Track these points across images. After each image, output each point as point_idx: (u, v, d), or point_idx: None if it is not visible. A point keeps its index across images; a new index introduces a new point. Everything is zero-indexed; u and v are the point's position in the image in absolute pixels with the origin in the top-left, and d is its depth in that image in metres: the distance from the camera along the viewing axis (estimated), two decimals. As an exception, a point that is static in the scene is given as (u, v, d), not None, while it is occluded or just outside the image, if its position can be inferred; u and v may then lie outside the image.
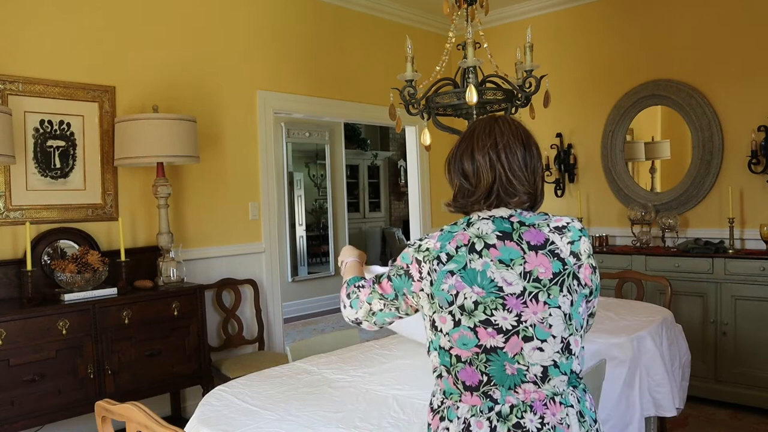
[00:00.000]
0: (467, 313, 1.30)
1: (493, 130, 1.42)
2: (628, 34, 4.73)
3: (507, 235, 1.34)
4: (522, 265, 1.31)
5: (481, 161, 1.39)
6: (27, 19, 3.24)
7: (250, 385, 2.10)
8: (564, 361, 1.33)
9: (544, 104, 2.85)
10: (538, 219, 1.38)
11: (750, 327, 3.84)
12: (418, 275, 1.36)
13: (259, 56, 4.28)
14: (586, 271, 1.37)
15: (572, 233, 1.37)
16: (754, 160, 4.09)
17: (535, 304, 1.30)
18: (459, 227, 1.38)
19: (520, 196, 1.38)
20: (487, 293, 1.29)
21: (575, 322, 1.34)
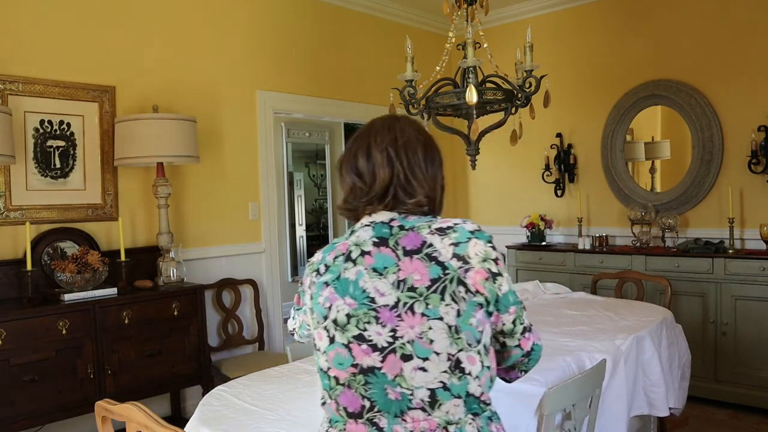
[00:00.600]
0: (340, 328, 1.18)
1: (394, 127, 1.30)
2: (628, 34, 4.73)
3: (383, 241, 1.20)
4: (396, 273, 1.16)
5: (378, 158, 1.26)
6: (27, 19, 3.24)
7: (250, 385, 2.10)
8: (456, 382, 1.13)
9: (544, 104, 2.85)
10: (421, 221, 1.23)
11: (750, 327, 3.84)
12: (307, 289, 1.28)
13: (259, 56, 4.28)
14: (477, 276, 1.16)
15: (458, 234, 1.19)
16: (754, 160, 4.09)
17: (411, 317, 1.13)
18: (343, 237, 1.28)
19: (419, 198, 1.25)
20: (359, 305, 1.17)
21: (466, 336, 1.14)
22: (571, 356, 2.34)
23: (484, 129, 2.83)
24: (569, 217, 5.09)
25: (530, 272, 4.84)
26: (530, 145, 4.82)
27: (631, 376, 2.52)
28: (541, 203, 5.24)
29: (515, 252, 5.06)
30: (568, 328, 2.77)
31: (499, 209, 5.61)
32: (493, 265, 1.19)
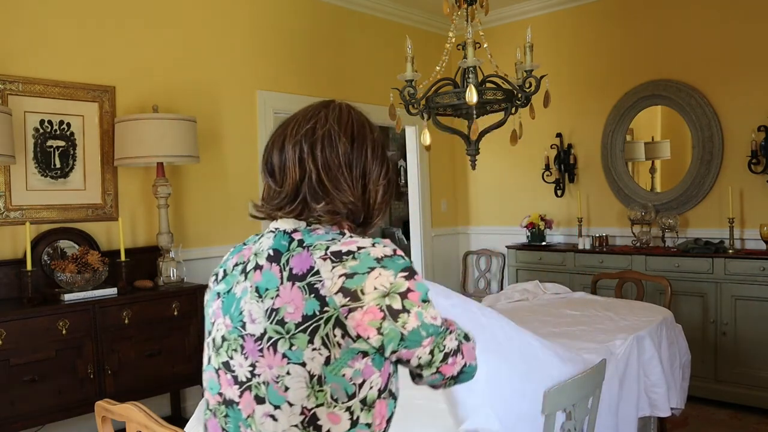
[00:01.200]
0: (215, 350, 1.09)
1: (316, 116, 1.10)
2: (628, 34, 4.73)
3: (277, 256, 1.04)
4: (273, 299, 1.00)
5: (290, 153, 1.08)
6: (27, 19, 3.24)
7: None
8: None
9: (544, 104, 2.85)
10: (324, 239, 1.03)
11: (750, 327, 3.84)
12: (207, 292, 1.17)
13: (259, 56, 4.28)
14: (366, 317, 0.95)
15: (358, 262, 0.98)
16: (754, 160, 4.09)
17: (272, 355, 0.98)
18: (252, 240, 1.15)
19: (335, 204, 1.06)
20: (233, 328, 1.05)
21: (332, 389, 0.96)
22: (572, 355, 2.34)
23: (484, 129, 2.83)
24: (569, 217, 5.09)
25: (530, 272, 4.84)
26: (530, 145, 4.82)
27: (631, 376, 2.52)
28: (541, 203, 5.24)
29: (515, 252, 5.06)
30: (568, 328, 2.77)
31: (499, 209, 5.61)
32: (397, 300, 0.97)
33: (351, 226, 1.11)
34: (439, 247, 5.73)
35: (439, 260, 5.73)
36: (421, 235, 5.57)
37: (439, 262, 5.72)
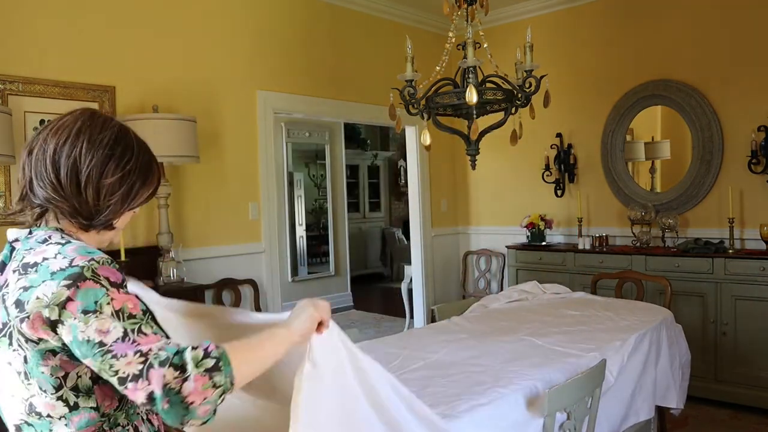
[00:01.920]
0: None
1: (59, 119, 1.17)
2: (628, 34, 4.73)
3: (1, 266, 1.11)
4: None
5: (23, 157, 1.15)
6: (27, 19, 3.24)
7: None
8: (36, 421, 1.08)
9: (544, 104, 2.84)
10: (28, 248, 1.09)
11: (750, 327, 3.84)
12: None
13: (259, 56, 4.28)
14: (34, 323, 1.01)
15: (38, 275, 1.03)
16: (754, 160, 4.09)
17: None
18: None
19: (33, 210, 1.12)
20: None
21: (38, 382, 1.05)
22: (571, 356, 2.35)
23: (484, 129, 2.83)
24: (569, 217, 5.09)
25: (530, 272, 4.84)
26: (530, 145, 4.82)
27: (631, 376, 2.52)
28: (541, 203, 5.24)
29: (515, 252, 5.06)
30: (568, 328, 2.78)
31: (499, 209, 5.62)
32: (55, 312, 0.99)
33: (76, 226, 1.14)
34: (439, 247, 5.73)
35: (439, 260, 5.73)
36: (421, 235, 5.57)
37: (439, 262, 5.72)
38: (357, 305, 8.17)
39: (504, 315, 3.17)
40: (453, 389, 2.00)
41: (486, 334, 2.74)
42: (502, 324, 2.94)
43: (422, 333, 2.89)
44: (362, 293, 8.84)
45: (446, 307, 3.38)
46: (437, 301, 5.59)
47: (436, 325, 3.03)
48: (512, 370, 2.18)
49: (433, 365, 2.29)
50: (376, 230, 10.72)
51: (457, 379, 2.10)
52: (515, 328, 2.80)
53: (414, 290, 5.70)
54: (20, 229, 1.13)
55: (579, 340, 2.54)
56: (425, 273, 5.59)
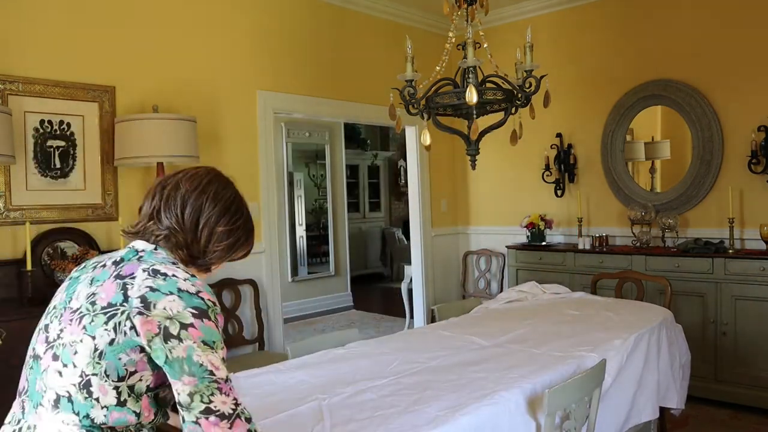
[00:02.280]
0: (46, 314, 1.32)
1: (193, 170, 1.45)
2: (628, 34, 4.73)
3: (120, 261, 1.31)
4: (99, 286, 1.24)
5: (156, 188, 1.44)
6: (27, 19, 3.24)
7: (250, 385, 2.10)
8: (81, 399, 1.18)
9: (544, 104, 2.84)
10: (153, 258, 1.31)
11: (750, 327, 3.84)
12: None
13: (259, 56, 4.28)
14: (147, 325, 1.16)
15: (165, 284, 1.23)
16: (754, 160, 4.09)
17: (76, 325, 1.21)
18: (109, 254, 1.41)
19: (156, 234, 1.36)
20: (63, 301, 1.29)
21: (108, 365, 1.17)
22: (571, 356, 2.35)
23: (484, 129, 2.83)
24: (569, 217, 5.10)
25: (530, 272, 4.84)
26: (530, 145, 4.82)
27: (632, 376, 2.52)
28: (541, 203, 5.24)
29: (515, 252, 5.06)
30: (567, 327, 2.78)
31: (499, 209, 5.62)
32: (176, 328, 1.17)
33: (184, 258, 1.35)
34: (439, 247, 5.73)
35: (439, 260, 5.73)
36: (421, 235, 5.57)
37: (439, 262, 5.72)
38: (357, 305, 8.17)
39: (504, 315, 3.17)
40: (453, 390, 2.00)
41: (485, 334, 2.74)
42: (502, 324, 2.94)
43: (422, 333, 2.89)
44: (362, 293, 8.84)
45: (446, 307, 3.39)
46: (437, 301, 5.59)
47: (436, 326, 3.03)
48: (512, 370, 2.18)
49: (433, 366, 2.29)
50: (376, 230, 10.72)
51: (457, 380, 2.10)
52: (515, 329, 2.80)
53: (414, 290, 5.70)
54: (147, 243, 1.34)
55: (579, 340, 2.54)
56: (425, 273, 5.59)
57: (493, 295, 5.54)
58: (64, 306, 1.26)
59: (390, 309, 7.76)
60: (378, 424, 1.72)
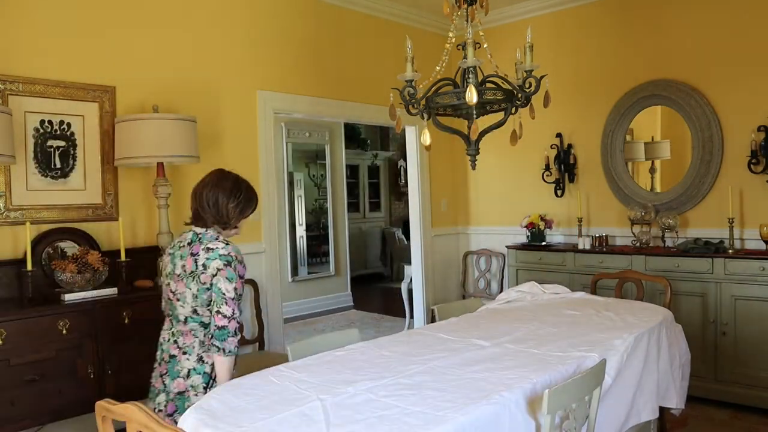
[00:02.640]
0: (167, 276, 2.42)
1: (209, 178, 2.45)
2: (628, 34, 4.73)
3: (191, 242, 2.38)
4: (184, 261, 2.34)
5: (195, 195, 2.44)
6: (27, 19, 3.24)
7: (250, 385, 2.10)
8: (196, 316, 2.32)
9: (544, 104, 2.84)
10: (204, 239, 2.35)
11: (750, 327, 3.84)
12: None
13: (259, 56, 4.28)
14: (207, 276, 2.27)
15: (212, 254, 2.28)
16: (754, 160, 4.09)
17: (181, 283, 2.33)
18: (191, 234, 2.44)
19: (198, 222, 2.42)
20: (170, 271, 2.39)
21: (201, 301, 2.29)
22: (570, 356, 2.35)
23: (484, 129, 2.83)
24: (569, 217, 5.10)
25: (530, 272, 4.84)
26: (530, 145, 4.82)
27: (632, 376, 2.52)
28: (541, 203, 5.25)
29: (515, 252, 5.06)
30: (567, 327, 2.78)
31: (499, 209, 5.62)
32: (215, 272, 2.27)
33: (219, 228, 2.40)
34: (439, 247, 5.73)
35: (439, 260, 5.73)
36: (421, 235, 5.57)
37: (439, 262, 5.72)
38: (357, 305, 8.17)
39: (503, 315, 3.17)
40: (453, 391, 2.00)
41: (485, 335, 2.74)
42: (502, 325, 2.94)
43: (422, 333, 2.89)
44: (362, 293, 8.84)
45: (446, 307, 3.38)
46: (437, 301, 5.59)
47: (436, 326, 3.03)
48: (512, 370, 2.18)
49: (433, 366, 2.29)
50: (376, 230, 10.72)
51: (457, 381, 2.10)
52: (515, 329, 2.80)
53: (414, 290, 5.70)
54: (199, 228, 2.39)
55: (578, 340, 2.54)
56: (425, 273, 5.59)
57: (493, 295, 5.54)
58: (172, 272, 2.38)
59: (390, 309, 7.76)
60: (378, 425, 1.72)
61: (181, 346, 2.34)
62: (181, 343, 2.34)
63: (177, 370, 2.33)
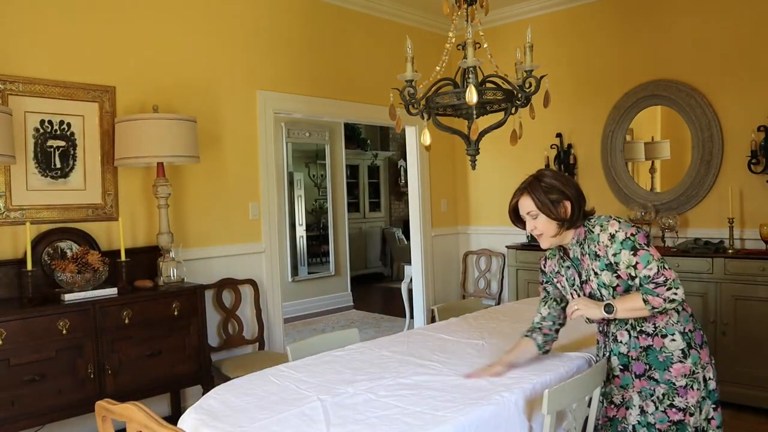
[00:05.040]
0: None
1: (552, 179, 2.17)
2: (628, 34, 4.73)
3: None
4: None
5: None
6: (27, 19, 3.24)
7: (250, 385, 2.10)
8: (607, 293, 2.08)
9: (544, 104, 2.84)
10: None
11: (750, 327, 3.84)
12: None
13: (259, 56, 4.28)
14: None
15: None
16: (754, 160, 4.09)
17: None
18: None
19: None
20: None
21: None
22: (571, 356, 2.35)
23: (484, 129, 2.83)
24: (569, 217, 5.09)
25: (530, 272, 4.84)
26: (530, 145, 4.82)
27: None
28: (541, 203, 5.23)
29: (515, 252, 5.06)
30: (567, 328, 2.77)
31: (499, 209, 5.61)
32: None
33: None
34: (439, 247, 5.73)
35: (439, 260, 5.73)
36: (421, 235, 5.57)
37: (439, 262, 5.72)
38: (357, 305, 8.17)
39: (503, 316, 3.18)
40: (452, 391, 2.00)
41: (485, 335, 2.74)
42: (502, 325, 2.94)
43: (422, 333, 2.89)
44: (362, 293, 8.84)
45: (446, 307, 3.39)
46: (437, 301, 5.59)
47: (436, 326, 3.03)
48: (512, 370, 2.18)
49: (433, 366, 2.29)
50: (376, 230, 10.72)
51: (456, 381, 2.10)
52: (515, 329, 2.80)
53: (414, 290, 5.70)
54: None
55: (578, 339, 2.54)
56: (425, 273, 5.59)
57: (493, 294, 5.55)
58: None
59: (390, 309, 7.76)
60: (378, 425, 1.72)
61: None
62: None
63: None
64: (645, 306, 1.97)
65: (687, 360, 2.03)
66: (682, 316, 2.09)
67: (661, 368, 2.04)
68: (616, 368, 2.14)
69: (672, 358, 2.04)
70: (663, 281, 1.98)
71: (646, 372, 2.06)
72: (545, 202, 2.09)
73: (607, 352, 2.18)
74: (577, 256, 2.16)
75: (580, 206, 2.12)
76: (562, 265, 2.23)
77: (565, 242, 2.17)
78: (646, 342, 2.07)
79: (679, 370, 2.03)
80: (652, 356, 2.05)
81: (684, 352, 2.04)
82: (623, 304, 2.02)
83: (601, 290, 2.09)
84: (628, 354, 2.10)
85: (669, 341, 2.05)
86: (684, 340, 2.05)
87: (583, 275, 2.14)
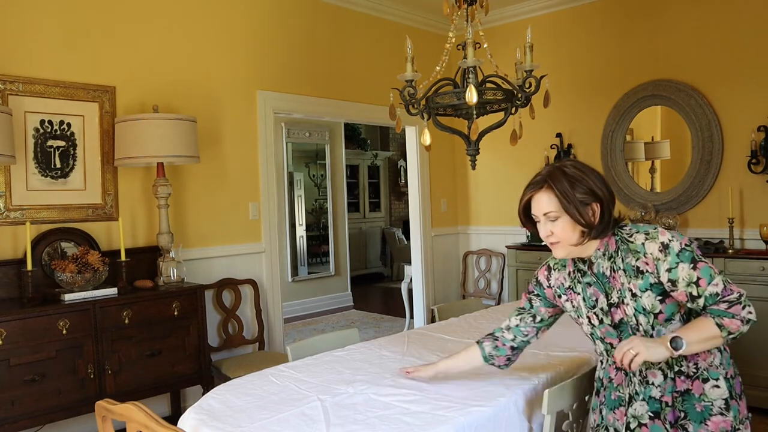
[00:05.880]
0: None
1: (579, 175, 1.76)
2: (628, 34, 4.73)
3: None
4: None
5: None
6: (27, 19, 3.24)
7: (250, 385, 2.10)
8: (644, 318, 1.71)
9: (544, 104, 2.84)
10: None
11: (750, 327, 3.83)
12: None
13: (259, 56, 4.28)
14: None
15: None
16: (754, 160, 4.09)
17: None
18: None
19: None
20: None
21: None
22: (571, 356, 2.35)
23: (484, 129, 2.83)
24: (569, 217, 5.08)
25: (530, 272, 4.84)
26: (530, 145, 4.83)
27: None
28: (541, 203, 5.23)
29: (515, 252, 5.06)
30: (567, 328, 2.77)
31: (499, 209, 5.62)
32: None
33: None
34: (439, 247, 5.73)
35: (439, 260, 5.73)
36: (421, 235, 5.57)
37: (439, 262, 5.72)
38: (357, 305, 8.17)
39: (503, 315, 3.17)
40: (452, 391, 2.00)
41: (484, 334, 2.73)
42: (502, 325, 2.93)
43: (422, 333, 2.89)
44: (362, 293, 8.84)
45: (446, 307, 3.39)
46: (437, 301, 5.59)
47: (436, 326, 3.03)
48: (512, 370, 2.18)
49: (433, 365, 2.29)
50: (376, 230, 10.72)
51: (457, 381, 2.10)
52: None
53: (414, 290, 5.70)
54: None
55: (578, 339, 2.54)
56: (425, 273, 5.59)
57: (493, 294, 5.55)
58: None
59: (390, 309, 7.76)
60: (378, 425, 1.72)
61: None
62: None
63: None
64: (720, 333, 1.59)
65: (728, 413, 1.65)
66: (724, 357, 1.71)
67: (697, 420, 1.66)
68: (644, 416, 1.71)
69: (711, 408, 1.65)
70: (737, 298, 1.60)
71: (678, 420, 1.68)
72: (572, 200, 1.66)
73: (627, 395, 1.75)
74: (603, 271, 1.73)
75: (610, 210, 1.70)
76: (578, 280, 1.80)
77: (585, 254, 1.76)
78: (684, 385, 1.68)
79: (718, 424, 1.65)
80: (688, 403, 1.67)
81: (727, 402, 1.66)
82: (693, 334, 1.59)
83: (638, 317, 1.68)
84: (661, 399, 1.70)
85: (711, 387, 1.66)
86: (727, 388, 1.67)
87: (613, 297, 1.71)
